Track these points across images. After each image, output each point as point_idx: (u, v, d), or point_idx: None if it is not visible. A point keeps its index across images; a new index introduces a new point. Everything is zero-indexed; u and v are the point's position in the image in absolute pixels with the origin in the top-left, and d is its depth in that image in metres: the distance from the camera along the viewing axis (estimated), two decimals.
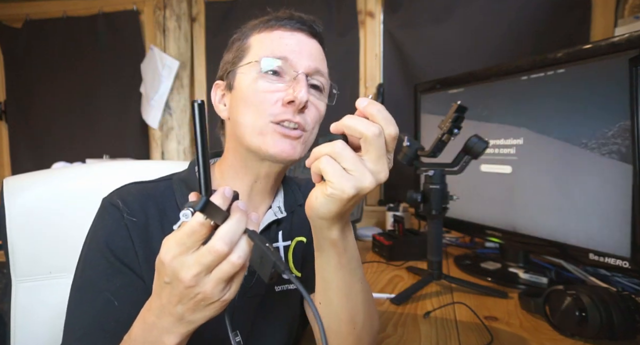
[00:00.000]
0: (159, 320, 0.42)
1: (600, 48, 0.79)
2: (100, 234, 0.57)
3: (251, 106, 0.57)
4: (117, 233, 0.56)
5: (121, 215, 0.57)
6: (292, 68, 0.57)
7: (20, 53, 2.06)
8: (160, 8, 1.87)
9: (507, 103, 1.01)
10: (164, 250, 0.39)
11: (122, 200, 0.58)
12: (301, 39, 0.59)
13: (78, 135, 2.05)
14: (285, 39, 0.58)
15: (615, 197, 0.77)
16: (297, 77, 0.56)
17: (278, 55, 0.57)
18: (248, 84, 0.58)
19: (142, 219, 0.58)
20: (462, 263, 1.12)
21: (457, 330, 0.74)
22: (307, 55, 0.59)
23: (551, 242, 0.90)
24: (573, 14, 1.42)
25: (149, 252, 0.56)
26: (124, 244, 0.56)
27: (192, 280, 0.38)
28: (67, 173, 0.86)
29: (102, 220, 0.58)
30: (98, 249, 0.56)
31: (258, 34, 0.60)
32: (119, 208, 0.57)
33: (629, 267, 0.74)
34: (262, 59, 0.57)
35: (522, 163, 0.97)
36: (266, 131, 0.56)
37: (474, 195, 1.10)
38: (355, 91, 1.74)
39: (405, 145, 0.86)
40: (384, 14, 1.70)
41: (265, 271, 0.38)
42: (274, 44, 0.58)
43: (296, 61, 0.57)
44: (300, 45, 0.59)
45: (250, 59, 0.58)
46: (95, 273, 0.55)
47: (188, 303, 0.40)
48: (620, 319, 0.65)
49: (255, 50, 0.59)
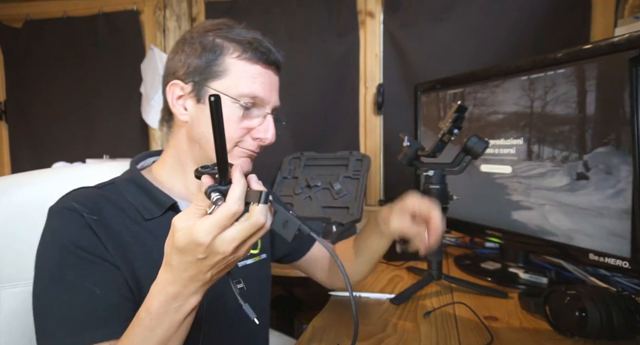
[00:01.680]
0: (185, 289, 0.47)
1: (600, 48, 0.79)
2: (62, 235, 0.57)
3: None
4: (80, 232, 0.57)
5: (80, 215, 0.58)
6: (263, 106, 0.66)
7: (20, 53, 2.06)
8: (160, 8, 1.87)
9: (507, 103, 1.00)
10: (203, 233, 0.43)
11: (77, 202, 0.59)
12: (272, 76, 0.67)
13: (78, 135, 2.05)
14: (262, 77, 0.65)
15: (615, 196, 0.77)
16: (267, 118, 0.66)
17: (257, 95, 0.64)
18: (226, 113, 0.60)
19: (101, 216, 0.59)
20: (462, 263, 1.12)
21: (457, 330, 0.74)
22: (275, 92, 0.68)
23: (551, 242, 0.90)
24: (573, 14, 1.42)
25: (117, 244, 0.59)
26: (91, 240, 0.57)
27: (231, 252, 0.44)
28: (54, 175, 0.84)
29: (60, 224, 0.58)
30: (64, 250, 0.56)
31: (237, 60, 0.63)
32: (76, 210, 0.58)
33: (629, 267, 0.74)
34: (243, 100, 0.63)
35: (522, 163, 0.97)
36: (231, 153, 0.65)
37: (474, 195, 1.10)
38: (356, 91, 1.74)
39: (405, 145, 0.86)
40: (384, 14, 1.70)
41: (289, 232, 0.47)
42: (252, 80, 0.64)
43: (267, 99, 0.66)
44: (271, 83, 0.67)
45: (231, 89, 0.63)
46: (68, 271, 0.55)
47: (220, 268, 0.46)
48: (620, 319, 0.65)
49: (235, 79, 0.63)
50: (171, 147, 0.70)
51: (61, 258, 0.56)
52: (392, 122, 1.68)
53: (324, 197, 1.54)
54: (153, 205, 0.64)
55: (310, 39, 1.75)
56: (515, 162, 0.99)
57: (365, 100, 1.73)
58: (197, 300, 0.48)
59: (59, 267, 0.55)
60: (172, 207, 0.65)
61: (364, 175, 1.53)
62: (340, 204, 1.49)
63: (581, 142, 0.83)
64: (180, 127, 0.68)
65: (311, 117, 1.77)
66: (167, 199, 0.65)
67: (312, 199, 1.54)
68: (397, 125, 1.66)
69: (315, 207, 1.50)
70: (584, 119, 0.83)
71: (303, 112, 1.77)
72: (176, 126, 0.69)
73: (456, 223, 1.17)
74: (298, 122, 1.76)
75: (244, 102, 0.63)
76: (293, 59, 1.74)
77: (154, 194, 0.65)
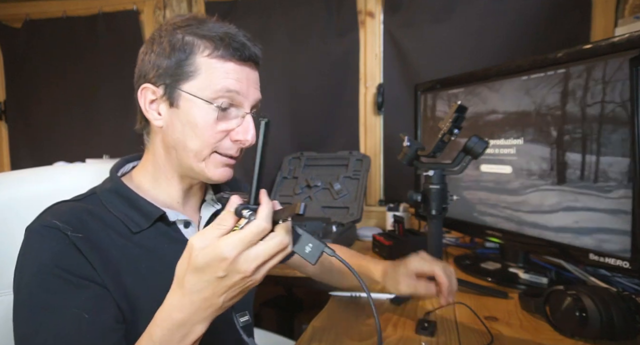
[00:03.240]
0: (193, 315, 0.46)
1: (601, 48, 0.79)
2: (44, 257, 0.52)
3: (200, 137, 0.60)
4: (65, 253, 0.53)
5: (64, 234, 0.53)
6: (241, 106, 0.61)
7: (20, 53, 2.06)
8: (160, 8, 1.87)
9: (507, 103, 1.00)
10: (228, 248, 0.43)
11: (60, 220, 0.54)
12: (249, 72, 0.62)
13: (78, 135, 2.05)
14: (237, 73, 0.60)
15: (615, 196, 0.77)
16: (246, 118, 0.61)
17: (231, 92, 0.59)
18: (202, 118, 0.59)
19: (86, 233, 0.55)
20: (462, 263, 1.12)
21: (457, 330, 0.74)
22: (253, 89, 0.63)
23: (551, 242, 0.90)
24: (573, 14, 1.42)
25: (105, 263, 0.55)
26: (77, 260, 0.53)
27: (253, 271, 0.44)
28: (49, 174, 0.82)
29: (41, 245, 0.53)
30: (48, 272, 0.51)
31: (208, 58, 0.59)
32: (58, 228, 0.53)
33: (629, 267, 0.74)
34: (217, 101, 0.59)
35: (522, 163, 0.97)
36: (208, 159, 0.61)
37: (474, 195, 1.10)
38: (356, 91, 1.73)
39: (405, 145, 0.85)
40: (384, 14, 1.70)
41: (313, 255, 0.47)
42: (226, 79, 0.59)
43: (244, 98, 0.61)
44: (248, 79, 0.62)
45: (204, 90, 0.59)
46: (52, 296, 0.50)
47: (235, 292, 0.46)
48: (621, 319, 0.65)
49: (207, 79, 0.59)
50: (150, 154, 0.66)
51: (44, 282, 0.51)
52: (392, 122, 1.68)
53: (324, 197, 1.54)
54: (140, 216, 0.61)
55: (310, 39, 1.75)
56: (515, 162, 0.99)
57: (365, 100, 1.73)
58: (203, 330, 0.47)
59: (42, 292, 0.51)
60: (160, 218, 0.62)
61: (364, 175, 1.53)
62: (340, 204, 1.49)
63: (581, 142, 0.83)
64: (156, 133, 0.64)
65: (311, 117, 1.77)
66: (155, 210, 0.61)
67: (312, 199, 1.54)
68: (397, 125, 1.66)
69: (315, 207, 1.50)
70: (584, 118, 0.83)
71: (303, 112, 1.77)
72: (152, 132, 0.65)
73: (456, 223, 1.17)
74: (298, 122, 1.76)
75: (219, 103, 0.59)
76: (293, 59, 1.74)
77: (139, 205, 0.61)
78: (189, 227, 0.65)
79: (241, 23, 0.66)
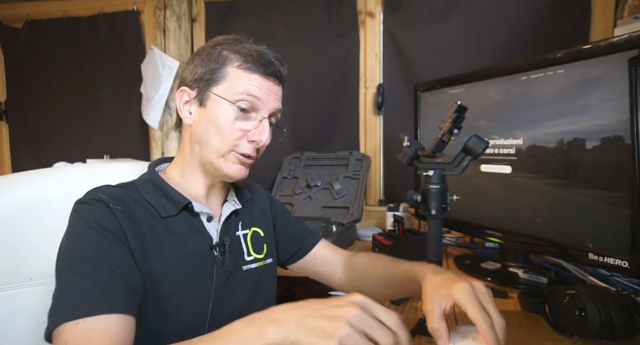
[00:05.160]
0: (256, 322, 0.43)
1: (600, 48, 0.79)
2: (88, 216, 0.60)
3: (221, 134, 0.68)
4: (105, 216, 0.61)
5: (106, 205, 0.62)
6: (260, 110, 0.69)
7: (20, 53, 2.06)
8: (161, 8, 1.87)
9: (507, 103, 1.01)
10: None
11: (104, 194, 0.63)
12: (271, 85, 0.70)
13: (78, 135, 2.05)
14: (259, 83, 0.68)
15: (615, 196, 0.77)
16: (263, 121, 0.69)
17: (252, 97, 0.67)
18: (225, 116, 0.67)
19: (125, 208, 0.63)
20: (462, 263, 1.12)
21: None
22: (272, 99, 0.70)
23: (551, 242, 0.90)
24: (573, 14, 1.42)
25: (137, 235, 0.62)
26: (115, 224, 0.60)
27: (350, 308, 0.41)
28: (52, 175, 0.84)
29: (86, 210, 0.61)
30: (89, 228, 0.59)
31: (237, 69, 0.68)
32: (102, 200, 0.62)
33: (628, 266, 0.74)
34: (238, 103, 0.67)
35: (522, 163, 0.97)
36: (227, 156, 0.68)
37: (474, 195, 1.10)
38: (356, 91, 1.74)
39: (405, 145, 0.86)
40: (384, 14, 1.70)
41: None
42: (250, 87, 0.67)
43: (264, 105, 0.69)
44: (269, 90, 0.70)
45: (228, 92, 0.67)
46: (93, 247, 0.58)
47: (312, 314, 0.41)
48: (620, 318, 0.65)
49: (232, 84, 0.68)
50: (180, 150, 0.75)
51: (87, 234, 0.59)
52: (392, 122, 1.68)
53: (324, 197, 1.54)
54: (169, 204, 0.68)
55: (310, 39, 1.75)
56: (515, 162, 0.99)
57: (365, 100, 1.73)
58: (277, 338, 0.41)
59: (84, 242, 0.58)
60: (186, 207, 0.69)
61: (363, 175, 1.53)
62: (340, 203, 1.50)
63: (581, 142, 0.84)
64: (186, 130, 0.73)
65: (311, 117, 1.77)
66: (182, 199, 0.69)
67: (312, 198, 1.54)
68: (397, 125, 1.66)
69: (315, 207, 1.51)
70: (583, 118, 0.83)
71: (303, 112, 1.77)
72: (184, 129, 0.74)
73: (456, 223, 1.17)
74: (298, 122, 1.76)
75: (240, 104, 0.67)
76: (293, 59, 1.74)
77: (170, 194, 0.69)
78: (211, 222, 0.71)
79: (241, 23, 0.68)
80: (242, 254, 0.75)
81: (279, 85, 0.72)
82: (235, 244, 0.74)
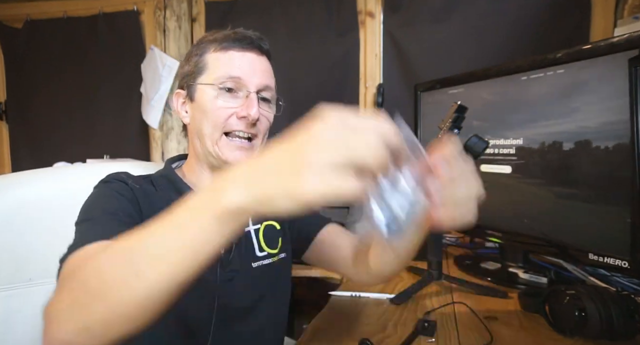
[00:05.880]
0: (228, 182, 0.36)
1: (600, 48, 0.79)
2: (107, 188, 0.63)
3: (210, 119, 0.67)
4: (123, 188, 0.63)
5: (125, 183, 0.65)
6: (245, 86, 0.67)
7: (20, 53, 2.06)
8: (161, 8, 1.87)
9: (507, 103, 1.01)
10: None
11: (123, 174, 0.67)
12: (252, 58, 0.69)
13: (78, 135, 2.05)
14: (237, 59, 0.68)
15: (614, 196, 0.77)
16: (250, 95, 0.67)
17: (232, 75, 0.66)
18: (208, 100, 0.67)
19: (142, 188, 0.66)
20: (462, 263, 1.12)
21: (457, 330, 0.74)
22: (257, 73, 0.68)
23: (551, 242, 0.90)
24: (573, 14, 1.42)
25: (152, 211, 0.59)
26: (130, 195, 0.63)
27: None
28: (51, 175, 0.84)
29: (105, 185, 0.64)
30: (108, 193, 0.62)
31: (214, 53, 0.69)
32: (122, 179, 0.65)
33: (628, 267, 0.74)
34: (219, 80, 0.66)
35: (521, 163, 0.97)
36: (221, 143, 0.67)
37: None
38: (356, 91, 1.74)
39: None
40: (384, 14, 1.70)
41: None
42: (229, 65, 0.67)
43: (248, 80, 0.67)
44: (251, 64, 0.68)
45: (209, 77, 0.68)
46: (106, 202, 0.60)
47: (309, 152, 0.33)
48: (620, 318, 0.65)
49: (212, 68, 0.68)
50: (189, 150, 0.76)
51: (102, 194, 0.62)
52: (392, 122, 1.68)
53: None
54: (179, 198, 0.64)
55: (310, 39, 1.75)
56: (515, 162, 0.99)
57: (365, 100, 1.73)
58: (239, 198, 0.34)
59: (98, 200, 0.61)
60: None
61: None
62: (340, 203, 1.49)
63: (581, 142, 0.84)
64: (188, 129, 0.75)
65: None
66: None
67: None
68: None
69: None
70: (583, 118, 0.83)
71: (303, 112, 1.75)
72: (188, 131, 0.76)
73: None
74: (298, 122, 1.76)
75: (222, 85, 0.66)
76: (293, 59, 1.74)
77: (180, 188, 0.70)
78: None
79: (241, 23, 0.70)
80: (252, 251, 0.73)
81: (261, 56, 0.71)
82: (244, 241, 0.72)
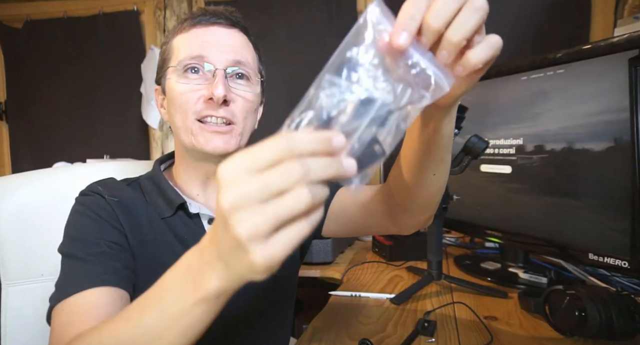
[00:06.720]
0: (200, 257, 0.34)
1: (600, 48, 0.79)
2: (83, 206, 0.60)
3: (178, 107, 0.61)
4: (99, 204, 0.60)
5: (102, 197, 0.61)
6: (211, 64, 0.59)
7: (20, 53, 2.06)
8: (161, 8, 1.87)
9: (506, 103, 1.01)
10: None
11: (101, 185, 0.63)
12: (218, 32, 0.61)
13: (78, 135, 2.05)
14: (201, 36, 0.60)
15: (614, 196, 0.77)
16: (216, 72, 0.59)
17: (195, 54, 0.59)
18: (172, 86, 0.61)
19: (122, 199, 0.61)
20: (462, 263, 1.12)
21: (457, 330, 0.74)
22: (225, 48, 0.60)
23: (551, 242, 0.90)
24: (573, 14, 1.42)
25: (135, 227, 0.60)
26: (109, 212, 0.59)
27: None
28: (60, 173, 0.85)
29: (82, 201, 0.61)
30: (83, 215, 0.58)
31: (178, 35, 0.63)
32: (98, 193, 0.61)
33: (628, 267, 0.74)
34: (182, 63, 0.60)
35: (521, 163, 0.97)
36: (195, 130, 0.60)
37: (474, 195, 1.10)
38: None
39: None
40: None
41: None
42: (191, 43, 0.60)
43: (213, 56, 0.59)
44: (217, 38, 0.61)
45: (173, 62, 0.62)
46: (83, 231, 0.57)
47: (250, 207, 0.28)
48: (620, 318, 0.65)
49: (176, 52, 0.62)
50: (175, 151, 0.71)
51: (79, 220, 0.59)
52: None
53: None
54: (165, 204, 0.64)
55: (310, 39, 1.75)
56: (515, 162, 0.99)
57: None
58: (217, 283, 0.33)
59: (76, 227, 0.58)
60: (181, 207, 0.64)
61: None
62: None
63: (581, 142, 0.84)
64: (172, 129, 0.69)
65: None
66: (177, 198, 0.64)
67: None
68: None
69: None
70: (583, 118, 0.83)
71: None
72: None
73: (456, 223, 1.17)
74: None
75: (182, 67, 0.59)
76: (292, 59, 1.74)
77: (165, 192, 0.65)
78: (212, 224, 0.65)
79: None
80: None
81: (229, 28, 0.62)
82: None
